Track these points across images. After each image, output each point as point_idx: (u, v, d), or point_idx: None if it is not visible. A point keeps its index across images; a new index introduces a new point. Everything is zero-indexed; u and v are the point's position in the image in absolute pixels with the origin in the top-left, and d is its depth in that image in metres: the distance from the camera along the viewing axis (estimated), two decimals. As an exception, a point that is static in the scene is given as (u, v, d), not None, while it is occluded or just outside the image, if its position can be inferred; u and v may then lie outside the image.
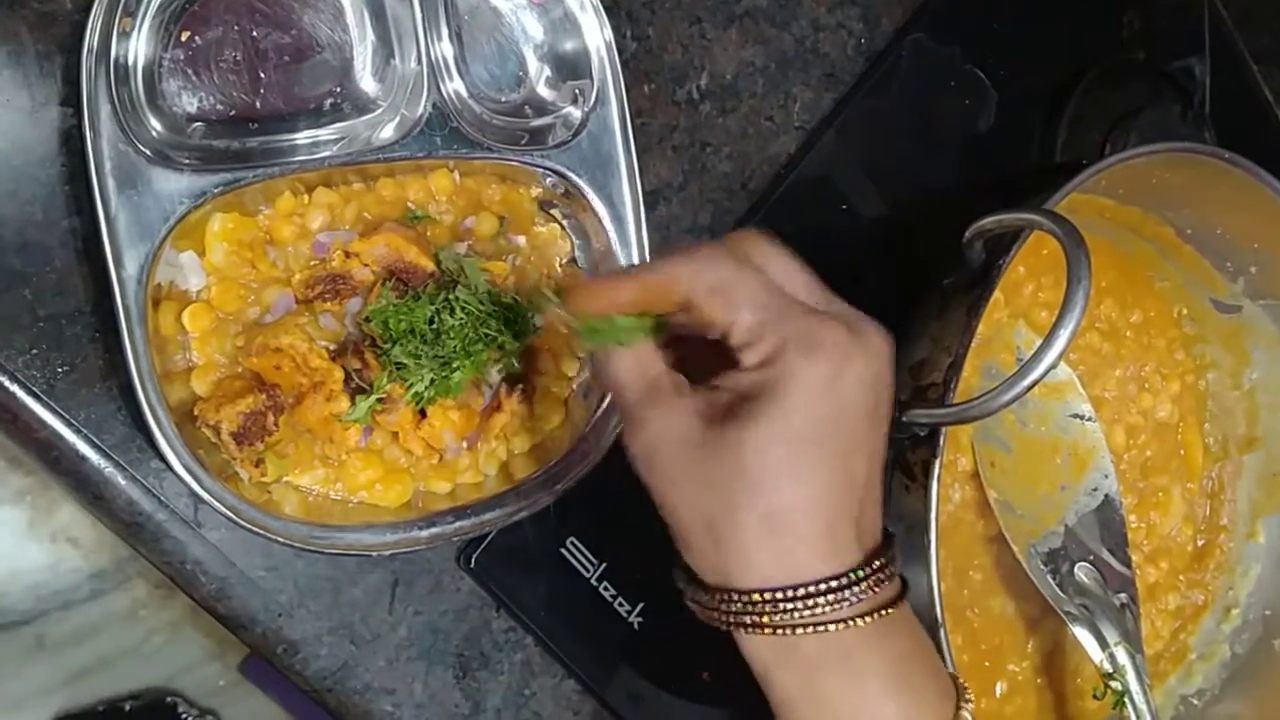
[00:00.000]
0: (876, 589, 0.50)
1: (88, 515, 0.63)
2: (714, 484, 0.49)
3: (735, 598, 0.49)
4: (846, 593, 0.49)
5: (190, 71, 0.59)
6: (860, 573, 0.49)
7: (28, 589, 1.43)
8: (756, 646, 0.50)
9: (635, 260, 0.66)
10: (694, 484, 0.49)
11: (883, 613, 0.50)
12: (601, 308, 0.53)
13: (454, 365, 0.62)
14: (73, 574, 1.44)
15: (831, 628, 0.49)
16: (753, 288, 0.50)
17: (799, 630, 0.49)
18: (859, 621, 0.49)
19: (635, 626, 0.72)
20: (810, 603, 0.48)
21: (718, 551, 0.49)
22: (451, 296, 0.62)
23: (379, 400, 0.62)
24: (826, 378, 0.48)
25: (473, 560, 0.68)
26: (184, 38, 0.59)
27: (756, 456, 0.48)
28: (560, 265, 0.68)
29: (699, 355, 0.53)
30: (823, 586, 0.49)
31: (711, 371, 0.52)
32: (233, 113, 0.60)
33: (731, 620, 0.50)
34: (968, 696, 0.53)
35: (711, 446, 0.49)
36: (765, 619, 0.49)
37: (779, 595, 0.49)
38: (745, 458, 0.48)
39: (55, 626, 1.44)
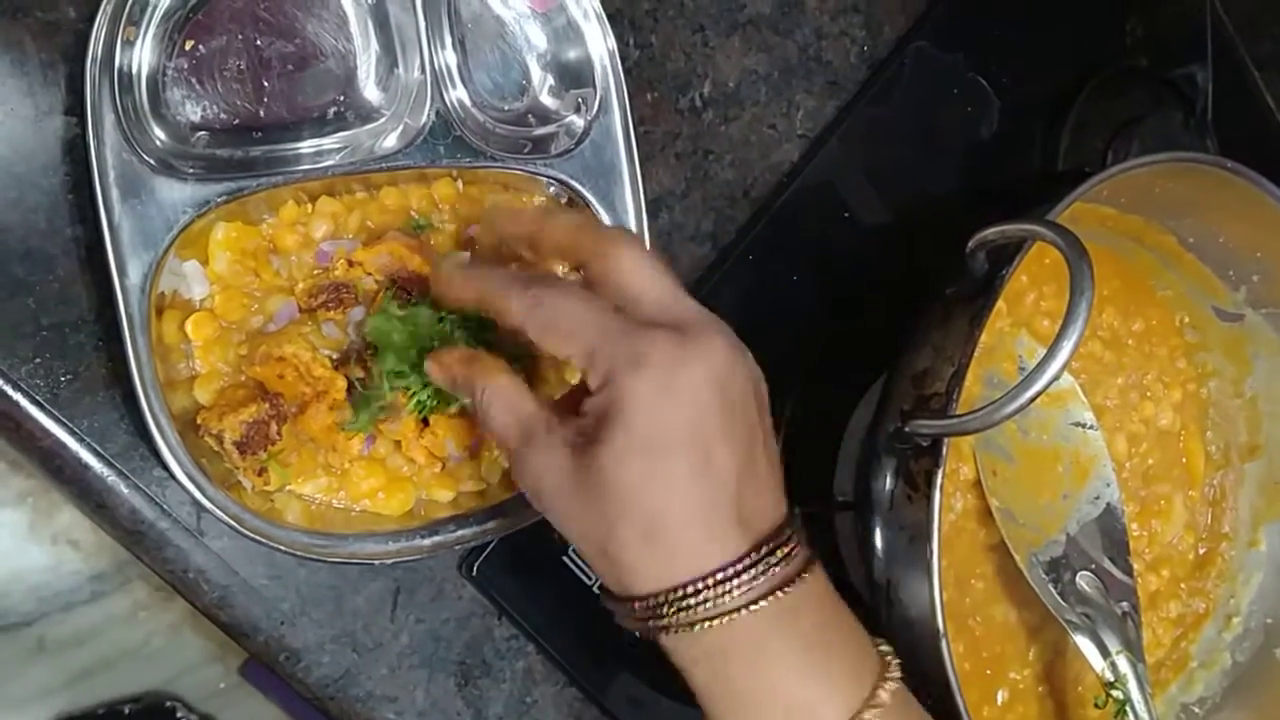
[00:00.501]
0: (769, 572, 0.51)
1: (88, 518, 0.63)
2: (592, 508, 0.51)
3: (638, 605, 0.52)
4: (734, 581, 0.51)
5: (194, 80, 0.59)
6: (748, 560, 0.51)
7: (29, 591, 1.43)
8: (673, 646, 0.53)
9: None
10: (579, 511, 0.52)
11: (780, 593, 0.51)
12: (456, 299, 0.58)
13: None
14: (73, 576, 1.44)
15: (728, 618, 0.50)
16: (581, 318, 0.53)
17: (701, 625, 0.51)
18: (754, 606, 0.51)
19: (637, 634, 0.72)
20: (700, 597, 0.50)
21: (614, 568, 0.52)
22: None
23: (381, 409, 0.62)
24: (657, 388, 0.50)
25: (475, 568, 0.68)
26: (188, 46, 0.59)
27: (616, 474, 0.50)
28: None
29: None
30: (709, 581, 0.50)
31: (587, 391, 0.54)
32: (236, 122, 0.60)
33: (644, 625, 0.52)
34: (892, 673, 0.54)
35: (583, 474, 0.51)
36: (668, 619, 0.51)
37: (672, 595, 0.51)
38: (607, 478, 0.50)
39: (56, 628, 1.44)
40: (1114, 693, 0.72)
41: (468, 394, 0.57)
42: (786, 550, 0.52)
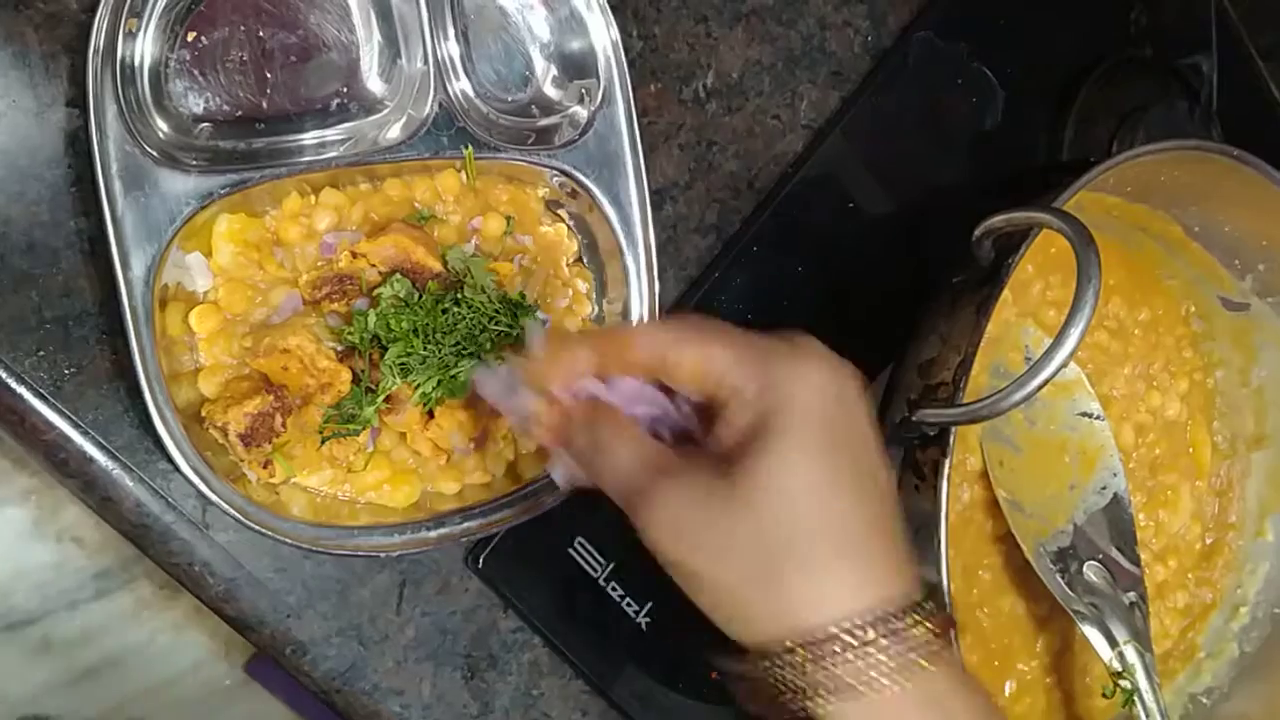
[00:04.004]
0: (930, 620, 0.46)
1: (92, 515, 0.62)
2: (750, 528, 0.46)
3: (810, 641, 0.45)
4: (907, 619, 0.45)
5: (196, 72, 0.59)
6: (915, 597, 0.46)
7: (33, 588, 1.43)
8: (843, 714, 0.45)
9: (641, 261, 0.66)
10: (726, 538, 0.46)
11: (950, 634, 0.47)
12: (569, 379, 0.52)
13: (459, 365, 0.62)
14: (77, 573, 1.44)
15: (913, 655, 0.45)
16: (719, 329, 0.50)
17: (873, 681, 0.44)
18: (932, 646, 0.45)
19: (643, 627, 0.72)
20: (892, 625, 0.45)
21: (773, 594, 0.45)
22: (460, 296, 0.62)
23: (385, 401, 0.62)
24: (827, 380, 0.47)
25: (481, 561, 0.68)
26: (190, 38, 0.59)
27: (789, 478, 0.46)
28: (566, 266, 0.68)
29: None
30: (893, 609, 0.45)
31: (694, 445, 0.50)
32: (239, 113, 0.60)
33: (810, 675, 0.45)
34: None
35: (735, 490, 0.46)
36: (852, 656, 0.44)
37: (856, 621, 0.44)
38: (782, 485, 0.46)
39: (61, 626, 1.44)
40: (1122, 683, 0.71)
41: (585, 439, 0.52)
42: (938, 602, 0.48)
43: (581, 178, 0.65)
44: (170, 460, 0.57)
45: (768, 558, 0.45)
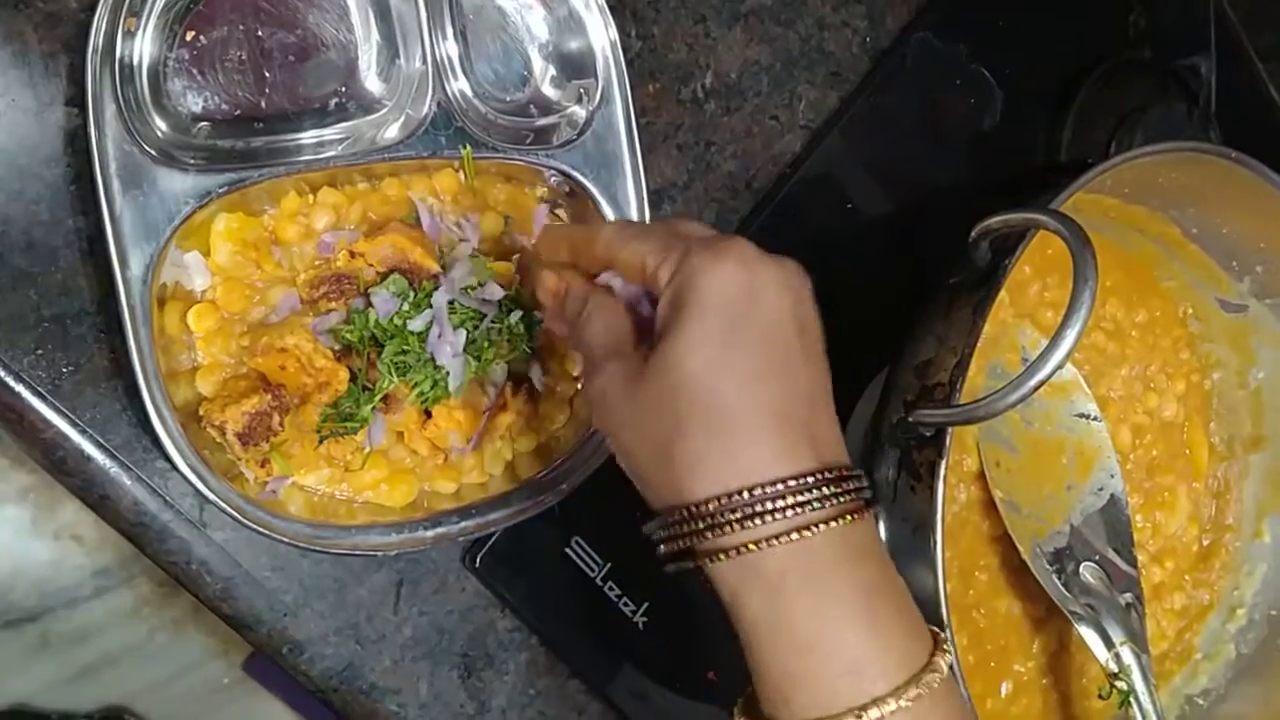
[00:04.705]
0: (839, 499, 0.49)
1: (91, 513, 0.63)
2: (655, 405, 0.49)
3: (693, 511, 0.49)
4: (805, 495, 0.48)
5: (195, 71, 0.59)
6: (817, 477, 0.49)
7: (32, 586, 1.43)
8: (723, 573, 0.49)
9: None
10: (639, 412, 0.50)
11: (850, 518, 0.49)
12: (558, 255, 0.58)
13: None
14: (76, 571, 1.44)
15: (794, 535, 0.48)
16: (658, 228, 0.54)
17: (762, 544, 0.48)
18: (822, 527, 0.48)
19: (640, 626, 0.72)
20: (767, 504, 0.48)
21: (670, 469, 0.49)
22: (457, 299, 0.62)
23: (382, 400, 0.62)
24: (736, 274, 0.50)
25: (478, 560, 0.68)
26: (189, 37, 0.59)
27: (686, 361, 0.49)
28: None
29: None
30: (780, 487, 0.48)
31: None
32: (238, 112, 0.60)
33: (700, 540, 0.49)
34: (947, 646, 0.51)
35: (649, 372, 0.50)
36: (728, 530, 0.48)
37: (737, 499, 0.48)
38: (680, 365, 0.49)
39: (59, 624, 1.44)
40: (1118, 684, 0.71)
41: (574, 308, 0.56)
42: (854, 485, 0.50)
43: (580, 177, 0.65)
44: (168, 459, 0.57)
45: (664, 433, 0.49)
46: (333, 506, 0.63)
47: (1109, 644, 0.72)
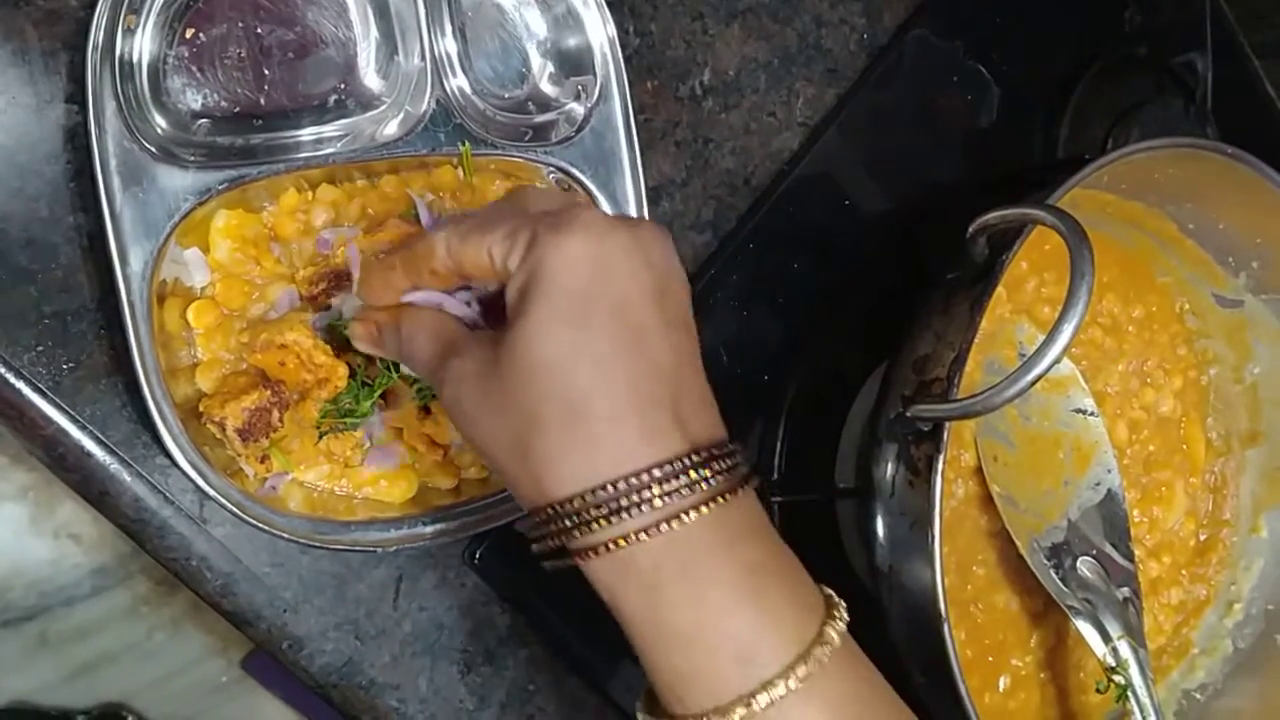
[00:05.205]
0: (708, 481, 0.46)
1: (89, 511, 0.63)
2: (508, 399, 0.47)
3: (557, 510, 0.46)
4: (669, 484, 0.45)
5: (195, 68, 0.59)
6: (684, 461, 0.46)
7: (30, 585, 1.43)
8: (598, 571, 0.47)
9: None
10: (493, 408, 0.47)
11: (720, 499, 0.46)
12: (391, 297, 0.55)
13: None
14: (74, 570, 1.44)
15: (663, 527, 0.45)
16: (501, 211, 0.51)
17: (632, 538, 0.45)
18: (690, 515, 0.45)
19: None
20: (631, 499, 0.45)
21: (529, 465, 0.46)
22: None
23: (382, 396, 0.62)
24: (583, 249, 0.46)
25: (477, 556, 0.68)
26: (188, 35, 0.59)
27: (538, 347, 0.46)
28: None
29: None
30: (642, 478, 0.45)
31: None
32: (237, 109, 0.60)
33: (568, 539, 0.46)
34: (839, 612, 0.48)
35: (499, 363, 0.47)
36: (594, 528, 0.45)
37: (600, 495, 0.45)
38: (529, 352, 0.46)
39: (58, 623, 1.44)
40: (1115, 678, 0.72)
41: (394, 341, 0.54)
42: (729, 463, 0.47)
43: (578, 174, 0.65)
44: (168, 455, 0.57)
45: (519, 427, 0.46)
46: (332, 502, 0.63)
47: (1106, 638, 0.72)
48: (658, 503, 0.45)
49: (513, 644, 0.71)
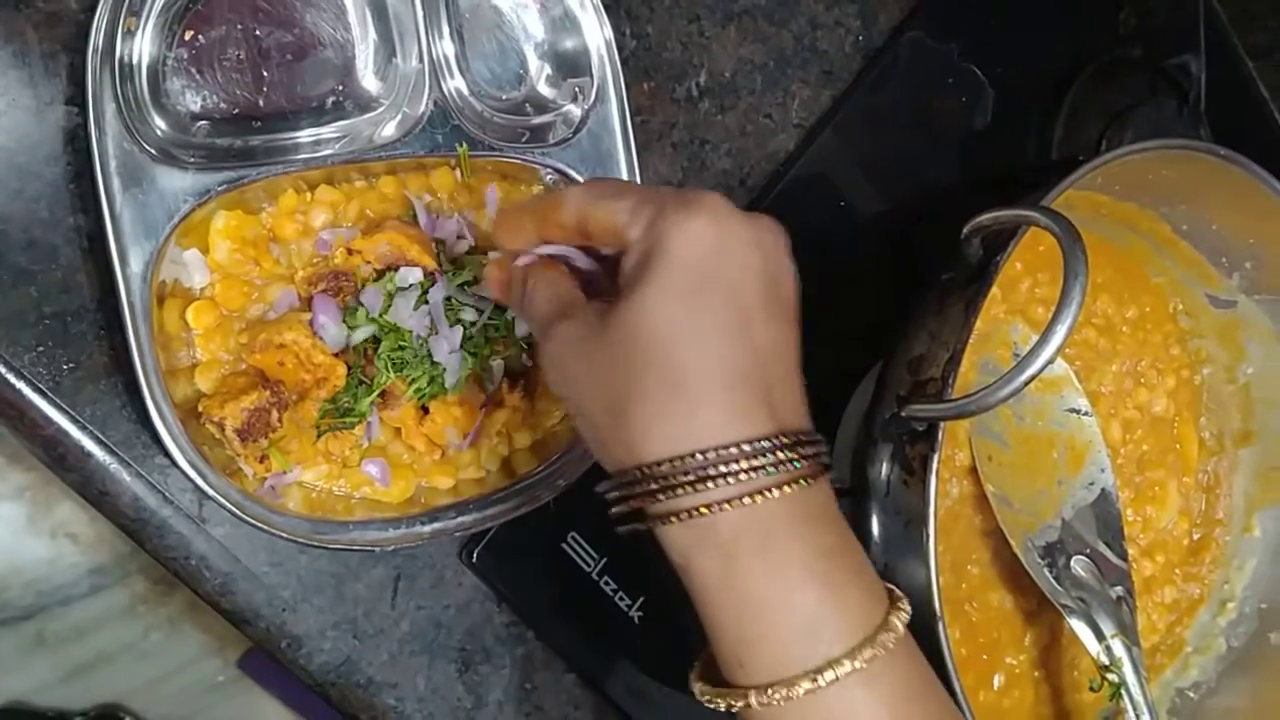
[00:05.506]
0: (795, 464, 0.48)
1: (87, 511, 0.63)
2: (612, 362, 0.48)
3: (646, 472, 0.48)
4: (759, 460, 0.47)
5: (194, 70, 0.60)
6: (773, 441, 0.48)
7: (27, 584, 1.43)
8: (675, 536, 0.49)
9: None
10: (595, 371, 0.49)
11: (803, 482, 0.48)
12: (519, 242, 0.56)
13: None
14: (72, 569, 1.44)
15: (746, 500, 0.47)
16: (633, 185, 0.54)
17: (715, 508, 0.47)
18: (776, 492, 0.48)
19: (636, 620, 0.73)
20: (721, 469, 0.47)
21: (623, 427, 0.48)
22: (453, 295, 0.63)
23: (380, 396, 0.62)
24: (707, 230, 0.49)
25: (475, 555, 0.68)
26: (188, 37, 0.59)
27: (651, 315, 0.48)
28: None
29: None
30: (734, 451, 0.47)
31: None
32: (236, 111, 0.61)
33: (652, 502, 0.48)
34: (903, 605, 0.51)
35: (607, 329, 0.49)
36: (681, 493, 0.47)
37: (690, 462, 0.47)
38: (641, 319, 0.48)
39: (55, 622, 1.44)
40: (1109, 676, 0.72)
41: (519, 292, 0.55)
42: (812, 450, 0.49)
43: (575, 175, 0.66)
44: (167, 455, 0.58)
45: (619, 391, 0.48)
46: (330, 502, 0.63)
47: (1100, 637, 0.73)
48: (744, 476, 0.47)
49: (510, 642, 0.71)
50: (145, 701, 1.48)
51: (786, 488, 0.48)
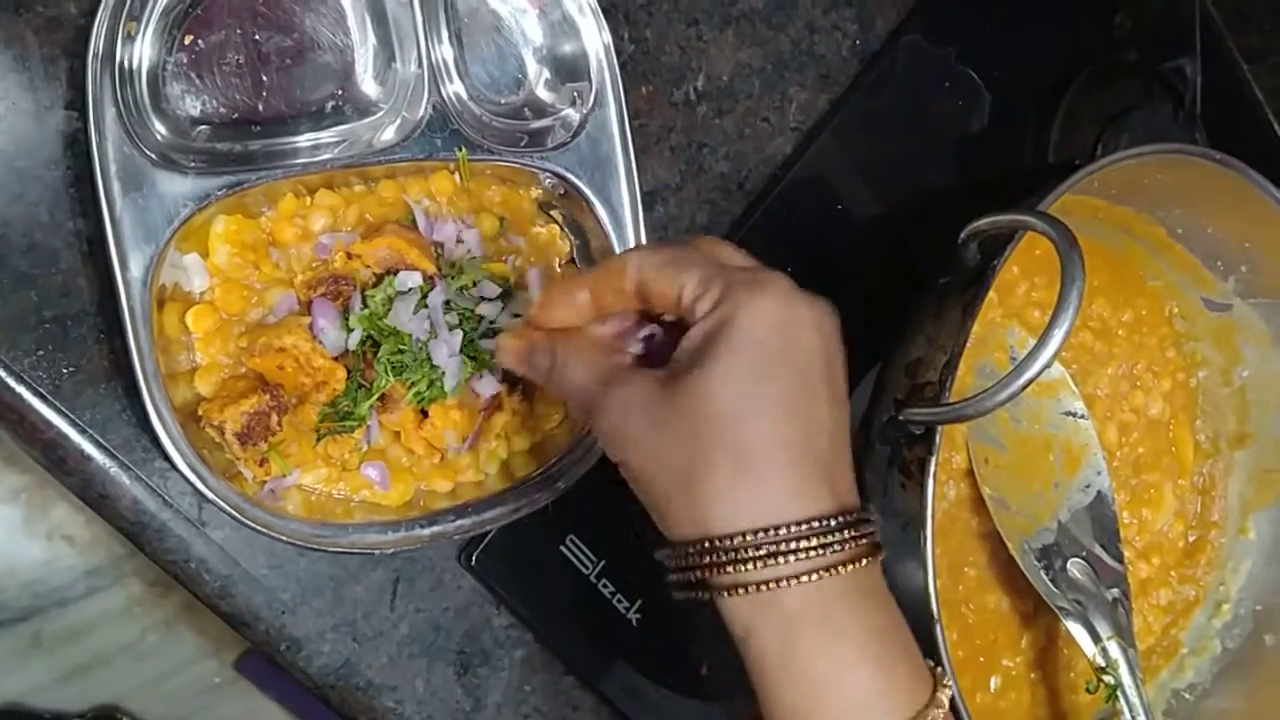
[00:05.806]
0: (855, 542, 0.49)
1: (83, 513, 0.63)
2: (680, 433, 0.49)
3: (715, 544, 0.49)
4: (828, 538, 0.48)
5: (194, 75, 0.60)
6: (837, 520, 0.49)
7: (23, 586, 1.43)
8: (738, 607, 0.50)
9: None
10: (661, 441, 0.50)
11: (863, 562, 0.49)
12: (569, 318, 0.56)
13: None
14: (68, 571, 1.44)
15: (814, 576, 0.48)
16: (697, 256, 0.53)
17: (783, 583, 0.48)
18: (839, 570, 0.49)
19: (633, 622, 0.73)
20: (792, 544, 0.48)
21: (693, 498, 0.49)
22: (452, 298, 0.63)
23: (379, 400, 0.62)
24: (775, 310, 0.50)
25: (473, 558, 0.68)
26: (187, 41, 0.59)
27: (717, 390, 0.49)
28: (559, 266, 0.69)
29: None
30: (804, 528, 0.48)
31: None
32: (236, 115, 0.61)
33: (714, 576, 0.49)
34: (947, 682, 0.52)
35: (673, 399, 0.49)
36: (749, 567, 0.48)
37: (760, 535, 0.48)
38: (707, 397, 0.49)
39: (51, 624, 1.44)
40: (1105, 678, 0.72)
41: (544, 361, 0.56)
42: (868, 529, 0.50)
43: (574, 179, 0.66)
44: (167, 458, 0.58)
45: (688, 463, 0.49)
46: (330, 505, 0.63)
47: (1096, 639, 0.73)
48: (813, 554, 0.48)
49: (509, 645, 0.71)
50: (142, 703, 1.48)
51: (849, 566, 0.49)
